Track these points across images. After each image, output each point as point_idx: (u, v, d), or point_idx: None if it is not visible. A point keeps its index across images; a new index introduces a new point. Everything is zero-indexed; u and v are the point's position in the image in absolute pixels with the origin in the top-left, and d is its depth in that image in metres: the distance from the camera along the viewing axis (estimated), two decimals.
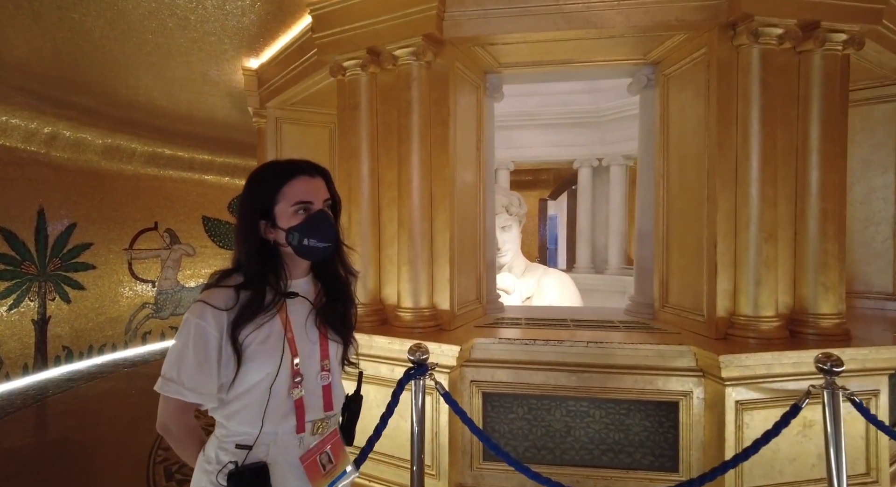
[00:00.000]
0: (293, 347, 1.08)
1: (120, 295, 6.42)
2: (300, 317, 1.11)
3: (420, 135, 2.51)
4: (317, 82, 3.18)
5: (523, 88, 6.50)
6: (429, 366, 1.87)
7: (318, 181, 1.10)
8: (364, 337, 2.46)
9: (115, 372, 5.63)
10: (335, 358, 1.16)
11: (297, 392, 1.07)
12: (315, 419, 1.11)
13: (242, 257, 1.09)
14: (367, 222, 2.69)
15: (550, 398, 2.43)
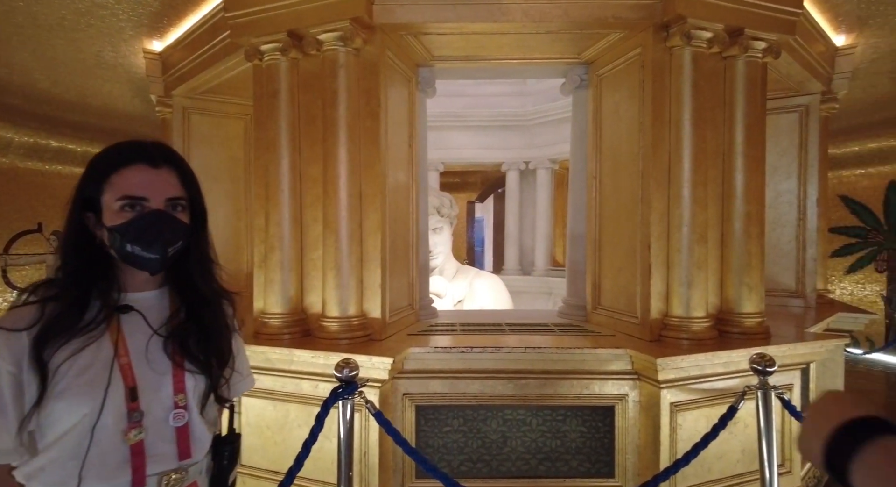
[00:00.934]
0: (127, 376, 0.85)
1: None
2: (140, 340, 0.88)
3: (348, 128, 2.30)
4: (230, 68, 2.87)
5: (452, 89, 6.43)
6: (358, 383, 1.67)
7: (163, 173, 0.88)
8: (283, 351, 2.21)
9: None
10: (195, 394, 0.92)
11: (136, 435, 0.84)
12: (164, 470, 0.87)
13: (62, 258, 0.86)
14: (288, 223, 2.44)
15: (487, 408, 2.31)
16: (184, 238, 0.90)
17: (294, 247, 2.45)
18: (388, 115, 2.42)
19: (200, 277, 0.95)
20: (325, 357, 2.14)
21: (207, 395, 0.94)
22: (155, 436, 0.86)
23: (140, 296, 0.91)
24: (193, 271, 0.94)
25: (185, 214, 0.90)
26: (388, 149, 2.45)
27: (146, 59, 3.29)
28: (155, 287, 0.94)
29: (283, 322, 2.41)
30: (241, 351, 1.06)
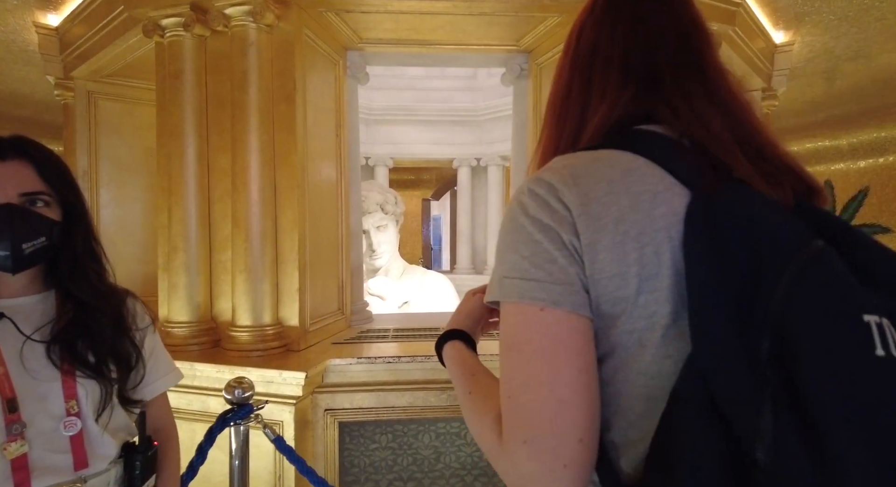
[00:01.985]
0: (4, 387, 0.82)
1: None
2: (14, 348, 0.85)
3: (259, 112, 2.05)
4: (133, 47, 2.56)
5: (401, 82, 6.22)
6: (253, 406, 1.44)
7: (12, 166, 0.84)
8: (184, 365, 1.94)
9: None
10: (89, 400, 0.88)
11: (17, 448, 0.80)
12: (56, 483, 0.84)
13: None
14: (195, 220, 2.17)
15: (418, 422, 2.12)
16: (46, 235, 0.86)
17: (202, 247, 2.19)
18: (307, 100, 2.19)
19: (73, 277, 0.91)
20: (231, 372, 1.89)
21: (104, 401, 0.91)
22: (43, 448, 0.84)
23: (13, 302, 0.88)
24: (64, 271, 0.91)
25: (51, 209, 0.88)
26: (309, 138, 2.21)
27: (39, 35, 2.92)
28: (36, 292, 0.92)
29: (190, 332, 2.15)
30: (157, 348, 1.07)
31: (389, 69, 6.23)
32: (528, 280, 0.52)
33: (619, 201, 0.52)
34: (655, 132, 0.59)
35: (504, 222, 0.57)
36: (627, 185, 0.53)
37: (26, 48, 3.22)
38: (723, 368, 0.44)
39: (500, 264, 0.55)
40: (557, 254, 0.51)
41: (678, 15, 0.64)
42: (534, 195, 0.54)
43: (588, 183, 0.53)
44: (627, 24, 0.64)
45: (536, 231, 0.53)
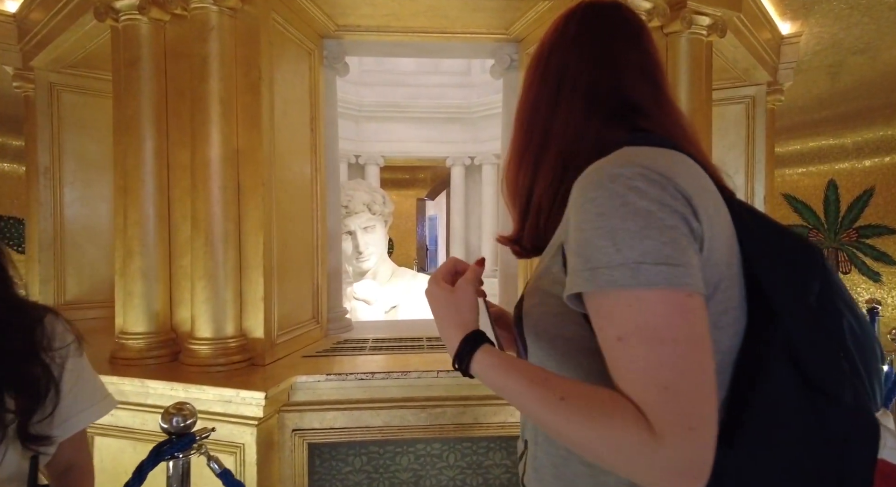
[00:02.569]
0: None
1: None
2: None
3: (221, 104, 1.87)
4: (92, 34, 2.37)
5: (393, 78, 6.04)
6: (195, 436, 1.26)
7: None
8: (135, 382, 1.76)
9: None
10: None
11: None
12: None
13: None
14: (153, 222, 1.98)
15: (396, 443, 1.94)
16: None
17: (160, 252, 2.00)
18: (275, 91, 2.00)
19: None
20: (185, 389, 1.71)
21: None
22: None
23: None
24: None
25: None
26: (278, 132, 2.03)
27: None
28: None
29: (147, 344, 1.96)
30: (84, 375, 0.96)
31: (380, 64, 6.04)
32: (674, 266, 0.52)
33: (707, 194, 0.59)
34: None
35: (606, 207, 0.55)
36: (703, 181, 0.61)
37: None
38: (807, 329, 0.57)
39: (625, 250, 0.53)
40: (689, 241, 0.54)
41: (643, 51, 0.73)
42: (651, 182, 0.54)
43: (683, 176, 0.57)
44: (595, 60, 0.71)
45: (668, 216, 0.53)
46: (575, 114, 0.70)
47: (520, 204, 0.78)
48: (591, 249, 0.55)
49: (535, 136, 0.73)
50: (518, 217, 0.79)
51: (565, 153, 0.70)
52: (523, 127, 0.76)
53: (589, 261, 0.55)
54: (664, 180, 0.55)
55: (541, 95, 0.74)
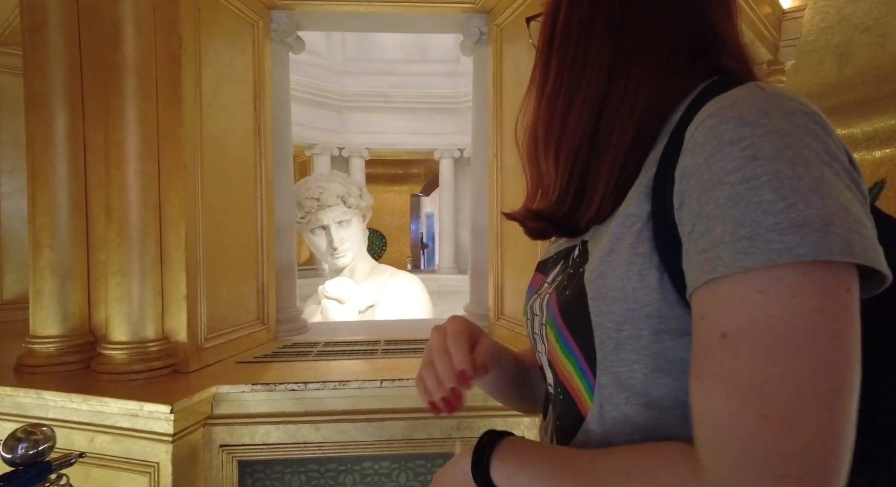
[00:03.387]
0: None
1: None
2: None
3: (137, 75, 1.64)
4: (12, 3, 2.14)
5: (378, 67, 5.80)
6: (51, 465, 1.03)
7: None
8: (30, 394, 1.54)
9: None
10: None
11: None
12: None
13: None
14: (66, 211, 1.76)
15: (338, 460, 1.71)
16: None
17: (75, 244, 1.77)
18: (205, 63, 1.77)
19: None
20: (86, 402, 1.48)
21: None
22: None
23: None
24: None
25: None
26: (210, 109, 1.80)
27: None
28: None
29: (58, 349, 1.74)
30: None
31: (364, 52, 5.80)
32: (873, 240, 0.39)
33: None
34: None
35: (763, 148, 0.40)
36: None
37: None
38: None
39: (829, 210, 0.37)
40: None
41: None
42: (820, 124, 0.41)
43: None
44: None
45: (853, 174, 0.41)
46: (647, 58, 0.54)
47: (563, 170, 0.59)
48: (741, 207, 0.39)
49: (587, 107, 0.57)
50: (560, 185, 0.60)
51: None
52: (556, 100, 0.60)
53: (742, 225, 0.39)
54: (830, 125, 0.42)
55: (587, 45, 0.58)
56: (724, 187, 0.41)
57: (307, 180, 3.68)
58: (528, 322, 0.69)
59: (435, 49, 5.66)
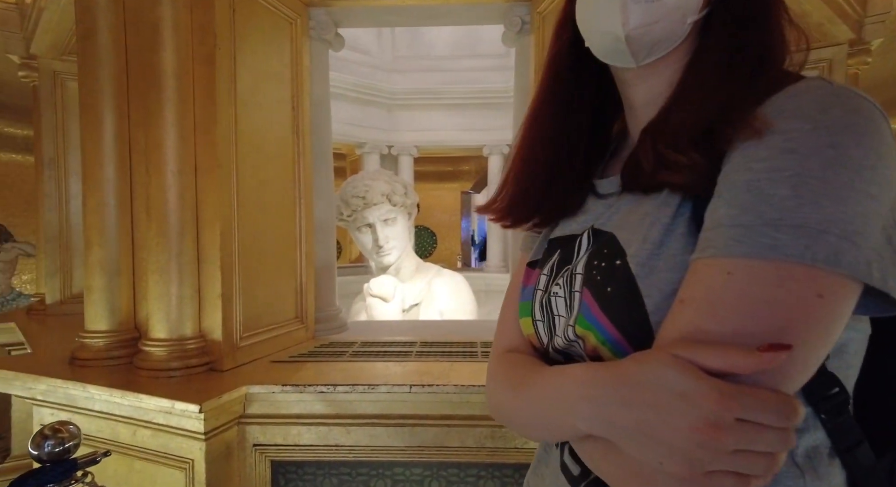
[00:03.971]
0: None
1: None
2: None
3: (177, 76, 1.66)
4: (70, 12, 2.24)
5: (426, 63, 5.77)
6: (77, 463, 1.04)
7: None
8: (77, 387, 1.60)
9: None
10: None
11: None
12: None
13: None
14: (113, 210, 1.82)
15: (369, 465, 1.68)
16: None
17: (121, 243, 1.83)
18: (241, 62, 1.77)
19: None
20: (123, 397, 1.52)
21: None
22: None
23: None
24: None
25: None
26: (246, 108, 1.80)
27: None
28: None
29: (107, 344, 1.80)
30: None
31: (414, 49, 5.78)
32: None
33: None
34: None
35: (829, 150, 0.39)
36: None
37: None
38: None
39: (834, 217, 0.38)
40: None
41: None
42: (884, 137, 0.41)
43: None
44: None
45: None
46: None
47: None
48: (752, 195, 0.41)
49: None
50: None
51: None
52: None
53: (746, 213, 0.41)
54: (889, 133, 0.42)
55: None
56: (746, 172, 0.42)
57: (353, 179, 3.70)
58: (539, 324, 0.62)
59: (485, 43, 5.55)
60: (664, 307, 0.46)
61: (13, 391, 1.77)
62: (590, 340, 0.53)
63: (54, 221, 2.81)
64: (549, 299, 0.61)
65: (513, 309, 0.69)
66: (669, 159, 0.50)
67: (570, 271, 0.59)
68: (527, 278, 0.67)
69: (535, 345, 0.65)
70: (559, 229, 0.67)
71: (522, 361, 0.62)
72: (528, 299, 0.65)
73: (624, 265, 0.51)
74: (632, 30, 0.55)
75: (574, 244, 0.61)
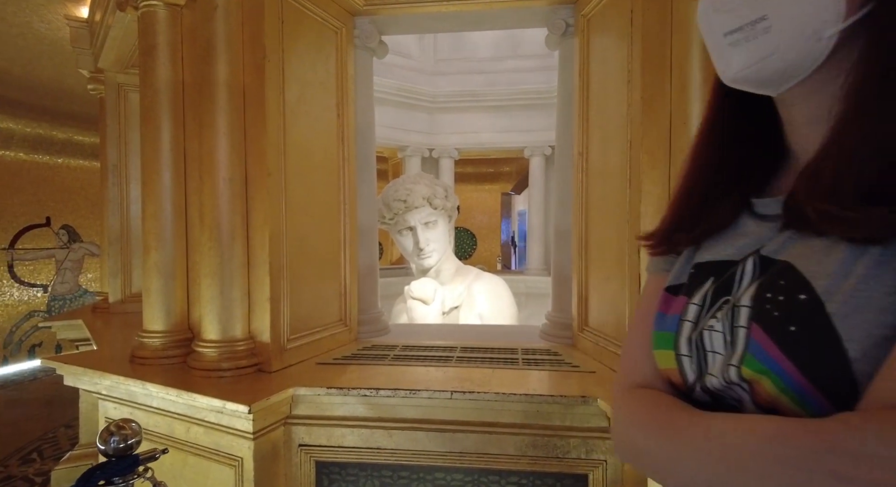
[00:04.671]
0: None
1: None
2: None
3: (228, 87, 1.73)
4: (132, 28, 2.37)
5: (469, 66, 5.77)
6: (139, 458, 1.10)
7: None
8: (136, 384, 1.69)
9: None
10: None
11: None
12: None
13: None
14: (170, 216, 1.91)
15: (411, 469, 1.69)
16: None
17: (177, 247, 1.93)
18: (288, 72, 1.83)
19: None
20: (179, 395, 1.60)
21: None
22: None
23: None
24: None
25: None
26: (293, 117, 1.86)
27: (70, 28, 2.88)
28: None
29: (163, 343, 1.90)
30: None
31: (457, 51, 5.80)
32: None
33: None
34: None
35: None
36: None
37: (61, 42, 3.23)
38: None
39: None
40: None
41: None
42: None
43: None
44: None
45: None
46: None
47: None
48: None
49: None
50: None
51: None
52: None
53: None
54: None
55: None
56: None
57: (395, 183, 3.75)
58: (685, 359, 0.55)
59: (527, 43, 5.50)
60: (874, 354, 0.40)
61: (81, 385, 1.89)
62: (763, 386, 0.46)
63: (116, 224, 2.98)
64: (701, 333, 0.54)
65: (644, 338, 0.62)
66: (834, 215, 0.43)
67: (732, 303, 0.52)
68: (666, 305, 0.60)
69: (673, 381, 0.58)
70: (707, 251, 0.59)
71: (664, 401, 0.55)
72: (672, 329, 0.58)
73: (812, 301, 0.44)
74: (737, 74, 0.50)
75: (733, 272, 0.54)
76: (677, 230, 0.62)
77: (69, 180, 6.07)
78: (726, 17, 0.49)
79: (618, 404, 0.61)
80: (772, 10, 0.47)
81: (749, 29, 0.48)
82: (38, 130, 5.61)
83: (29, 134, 5.57)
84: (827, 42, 0.46)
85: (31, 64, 3.89)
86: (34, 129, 5.59)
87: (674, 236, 0.63)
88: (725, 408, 0.51)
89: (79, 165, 6.10)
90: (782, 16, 0.46)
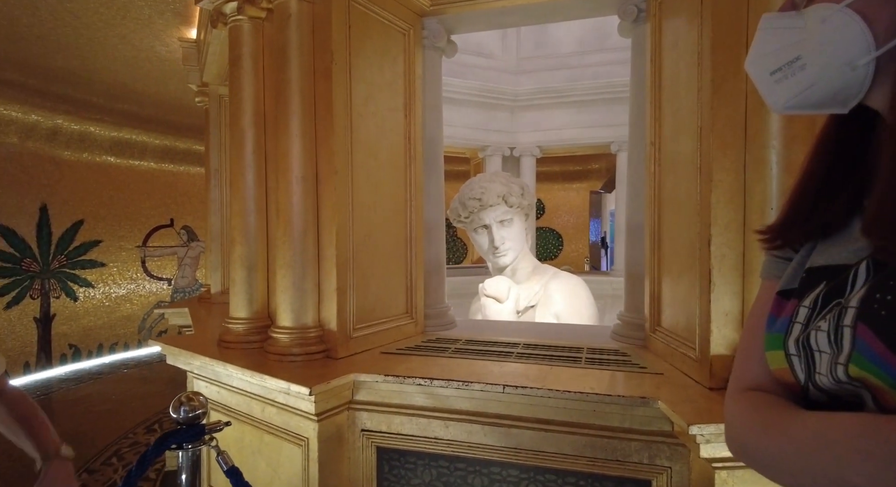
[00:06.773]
0: None
1: (133, 293, 6.35)
2: None
3: (300, 91, 1.86)
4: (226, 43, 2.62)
5: (552, 62, 5.67)
6: (204, 428, 1.22)
7: None
8: (218, 365, 1.86)
9: (114, 373, 5.51)
10: None
11: None
12: None
13: None
14: (253, 213, 2.09)
15: (467, 461, 1.70)
16: None
17: (260, 241, 2.10)
18: (356, 75, 1.93)
19: None
20: (252, 376, 1.74)
21: None
22: None
23: None
24: None
25: None
26: (361, 118, 1.95)
27: (182, 47, 3.25)
28: None
29: (246, 329, 2.08)
30: None
31: (540, 49, 5.71)
32: None
33: None
34: None
35: None
36: None
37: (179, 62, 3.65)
38: None
39: None
40: None
41: None
42: None
43: None
44: None
45: None
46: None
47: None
48: None
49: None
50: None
51: None
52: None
53: None
54: None
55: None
56: None
57: (471, 181, 3.77)
58: (794, 358, 0.57)
59: (613, 37, 5.28)
60: None
61: (178, 364, 2.12)
62: (872, 383, 0.48)
63: (217, 223, 3.31)
64: (808, 333, 0.56)
65: (756, 342, 0.65)
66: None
67: (843, 305, 0.53)
68: (778, 308, 0.62)
69: (787, 381, 0.60)
70: (820, 255, 0.61)
71: (772, 402, 0.58)
72: (782, 331, 0.60)
73: None
74: (785, 108, 0.57)
75: (846, 276, 0.55)
76: (792, 225, 0.64)
77: (188, 185, 6.83)
78: (770, 60, 0.57)
79: (729, 407, 0.65)
80: (805, 51, 0.54)
81: (787, 68, 0.55)
82: (165, 141, 6.39)
83: (158, 145, 6.35)
84: (864, 69, 0.51)
85: (160, 84, 4.46)
86: (162, 141, 6.37)
87: (789, 230, 0.65)
88: (844, 407, 0.52)
89: (196, 172, 6.85)
90: (813, 55, 0.53)
